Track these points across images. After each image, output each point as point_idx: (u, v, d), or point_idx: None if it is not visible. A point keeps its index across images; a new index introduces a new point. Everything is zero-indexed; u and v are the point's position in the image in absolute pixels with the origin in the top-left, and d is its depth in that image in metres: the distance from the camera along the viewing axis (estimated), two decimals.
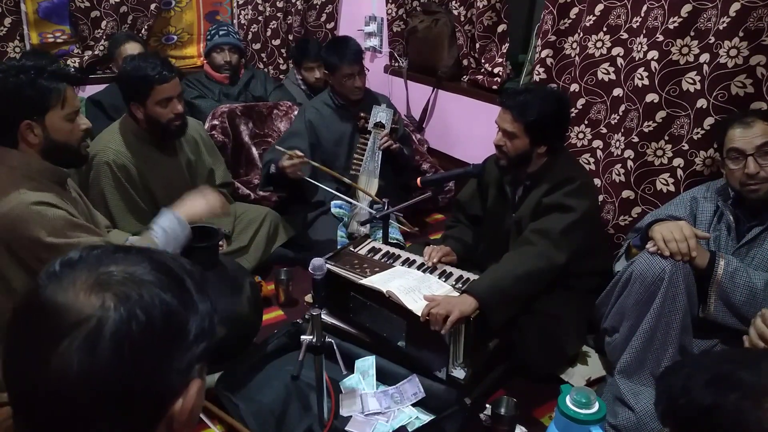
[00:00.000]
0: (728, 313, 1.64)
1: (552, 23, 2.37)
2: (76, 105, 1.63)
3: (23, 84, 1.52)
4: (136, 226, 2.21)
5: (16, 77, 1.51)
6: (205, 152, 2.53)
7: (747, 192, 1.64)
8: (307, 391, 1.79)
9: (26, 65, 1.55)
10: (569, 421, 1.47)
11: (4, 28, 3.05)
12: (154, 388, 0.59)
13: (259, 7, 3.65)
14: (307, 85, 3.49)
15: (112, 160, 2.14)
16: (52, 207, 1.54)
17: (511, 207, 2.09)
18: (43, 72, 1.54)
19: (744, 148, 1.61)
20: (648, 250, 1.68)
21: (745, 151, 1.61)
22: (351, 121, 2.82)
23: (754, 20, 1.79)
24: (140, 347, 0.58)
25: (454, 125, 3.41)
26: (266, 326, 2.13)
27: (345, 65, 2.70)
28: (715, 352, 1.02)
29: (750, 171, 1.59)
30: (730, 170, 1.66)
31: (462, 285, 1.92)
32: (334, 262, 2.04)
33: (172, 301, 0.61)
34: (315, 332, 1.57)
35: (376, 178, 2.69)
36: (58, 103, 1.57)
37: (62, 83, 1.58)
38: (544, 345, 1.90)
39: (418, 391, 1.80)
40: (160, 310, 0.59)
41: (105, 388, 0.56)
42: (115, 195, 2.17)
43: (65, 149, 1.62)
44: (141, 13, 3.32)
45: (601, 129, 2.32)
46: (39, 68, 1.55)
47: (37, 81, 1.53)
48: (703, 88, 1.94)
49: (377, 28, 3.85)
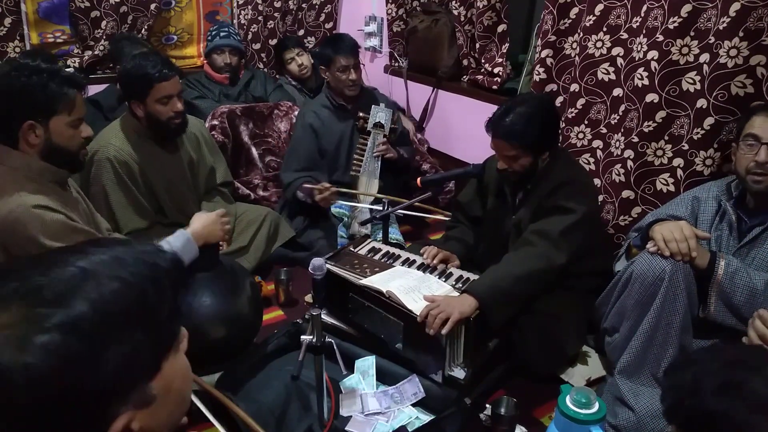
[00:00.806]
0: (728, 313, 1.64)
1: (552, 23, 2.37)
2: (83, 112, 1.64)
3: (35, 85, 1.52)
4: (137, 222, 2.21)
5: (29, 77, 1.51)
6: (207, 150, 2.53)
7: (750, 181, 1.62)
8: (307, 391, 1.79)
9: (41, 66, 1.54)
10: (569, 421, 1.47)
11: (4, 28, 3.05)
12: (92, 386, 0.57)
13: (258, 7, 3.65)
14: (296, 80, 3.50)
15: (114, 156, 2.14)
16: (51, 211, 1.55)
17: (511, 209, 2.09)
18: (56, 76, 1.55)
19: (761, 135, 1.60)
20: (648, 250, 1.68)
21: (761, 138, 1.59)
22: (350, 120, 2.82)
23: (754, 20, 1.79)
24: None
25: (454, 125, 3.41)
26: (266, 326, 2.13)
27: (340, 56, 2.70)
28: (727, 349, 0.99)
29: (760, 159, 1.58)
30: (740, 155, 1.65)
31: (462, 285, 1.92)
32: (334, 262, 2.04)
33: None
34: (315, 332, 1.57)
35: (376, 178, 2.70)
36: (66, 109, 1.57)
37: (72, 89, 1.58)
38: (544, 345, 1.90)
39: (418, 391, 1.80)
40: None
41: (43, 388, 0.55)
42: (117, 191, 2.17)
43: (64, 153, 1.62)
44: (141, 13, 3.32)
45: (601, 129, 2.32)
46: (52, 72, 1.55)
47: (49, 84, 1.53)
48: (703, 88, 1.94)
49: (377, 28, 3.85)
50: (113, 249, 0.64)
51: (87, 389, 0.56)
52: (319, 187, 2.55)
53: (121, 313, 0.59)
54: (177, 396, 0.66)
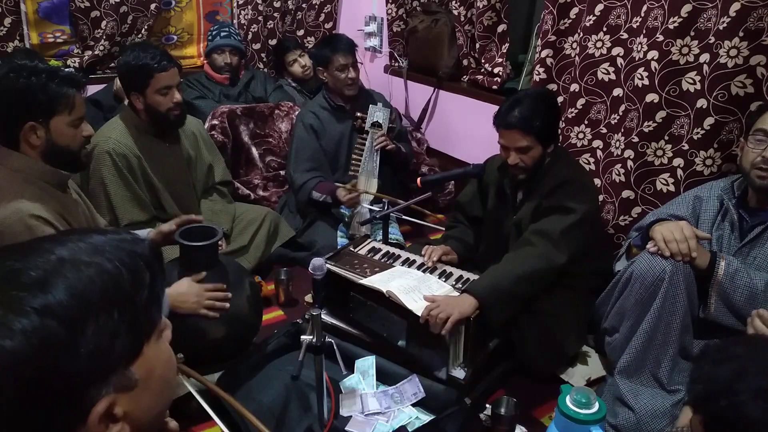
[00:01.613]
0: (728, 313, 1.64)
1: (552, 23, 2.37)
2: (83, 112, 1.64)
3: (34, 86, 1.52)
4: (136, 214, 2.22)
5: (28, 78, 1.52)
6: (205, 149, 2.54)
7: (754, 176, 1.62)
8: (307, 391, 1.79)
9: (39, 67, 1.55)
10: (569, 421, 1.47)
11: (4, 28, 3.05)
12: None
13: (258, 8, 3.65)
14: (297, 81, 3.50)
15: (112, 148, 2.15)
16: (45, 224, 1.54)
17: (511, 209, 2.09)
18: (56, 76, 1.55)
19: None
20: (648, 250, 1.68)
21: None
22: (348, 121, 2.82)
23: (754, 20, 1.79)
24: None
25: (454, 125, 3.41)
26: (266, 326, 2.13)
27: (338, 55, 2.70)
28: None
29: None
30: (747, 150, 1.64)
31: (462, 285, 1.92)
32: (334, 262, 2.04)
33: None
34: (315, 332, 1.57)
35: (375, 177, 2.70)
36: (66, 109, 1.58)
37: (72, 89, 1.58)
38: (544, 345, 1.90)
39: (418, 391, 1.80)
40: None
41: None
42: (116, 184, 2.17)
43: (66, 154, 1.62)
44: (141, 13, 3.32)
45: (601, 129, 2.32)
46: (51, 72, 1.55)
47: (49, 85, 1.53)
48: (703, 88, 1.94)
49: (377, 28, 3.85)
50: (90, 237, 0.65)
51: (67, 371, 0.57)
52: (348, 186, 2.59)
53: (99, 297, 0.60)
54: (160, 382, 0.67)
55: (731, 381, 0.80)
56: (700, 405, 0.85)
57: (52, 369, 0.56)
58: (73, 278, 0.59)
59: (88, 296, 0.59)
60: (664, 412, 1.65)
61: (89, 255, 0.62)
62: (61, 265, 0.60)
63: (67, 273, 0.59)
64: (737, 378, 0.79)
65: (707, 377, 0.84)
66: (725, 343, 0.93)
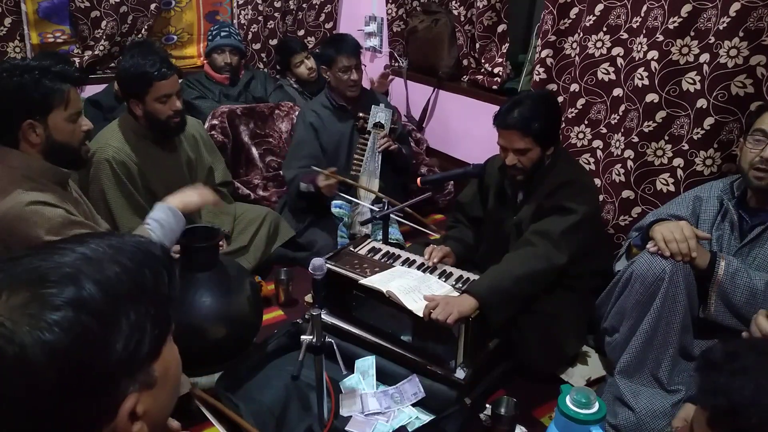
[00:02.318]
0: (728, 313, 1.64)
1: (552, 23, 2.37)
2: (79, 106, 1.63)
3: (27, 84, 1.52)
4: (136, 223, 2.20)
5: (20, 77, 1.52)
6: (205, 150, 2.53)
7: (752, 177, 1.62)
8: (307, 391, 1.79)
9: (30, 65, 1.55)
10: (569, 421, 1.47)
11: (4, 28, 3.05)
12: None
13: (258, 8, 3.65)
14: (300, 83, 3.50)
15: (112, 156, 2.14)
16: (49, 206, 1.54)
17: (512, 209, 2.09)
18: (48, 72, 1.55)
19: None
20: (648, 250, 1.68)
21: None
22: (350, 121, 2.82)
23: (754, 20, 1.79)
24: None
25: (454, 125, 3.41)
26: (266, 326, 2.13)
27: (342, 56, 2.70)
28: None
29: (767, 155, 1.58)
30: (746, 150, 1.64)
31: (462, 285, 1.92)
32: (334, 262, 2.04)
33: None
34: (315, 332, 1.57)
35: (376, 178, 2.70)
36: (62, 104, 1.57)
37: (66, 84, 1.58)
38: (544, 345, 1.90)
39: (418, 391, 1.80)
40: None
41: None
42: (115, 192, 2.16)
43: (66, 150, 1.62)
44: (141, 13, 3.32)
45: (601, 129, 2.32)
46: (43, 68, 1.55)
47: (41, 81, 1.53)
48: (703, 88, 1.94)
49: (377, 28, 3.86)
50: (110, 238, 0.67)
51: (101, 365, 0.58)
52: (326, 172, 2.53)
53: (127, 293, 0.61)
54: (173, 381, 0.69)
55: (756, 389, 0.79)
56: (721, 418, 0.84)
57: (90, 363, 0.57)
58: (100, 275, 0.60)
59: (116, 292, 0.60)
60: (664, 412, 1.65)
61: (111, 255, 0.63)
62: (86, 262, 0.61)
63: (93, 269, 0.61)
64: (763, 391, 0.78)
65: (726, 389, 0.83)
66: (731, 349, 0.92)
